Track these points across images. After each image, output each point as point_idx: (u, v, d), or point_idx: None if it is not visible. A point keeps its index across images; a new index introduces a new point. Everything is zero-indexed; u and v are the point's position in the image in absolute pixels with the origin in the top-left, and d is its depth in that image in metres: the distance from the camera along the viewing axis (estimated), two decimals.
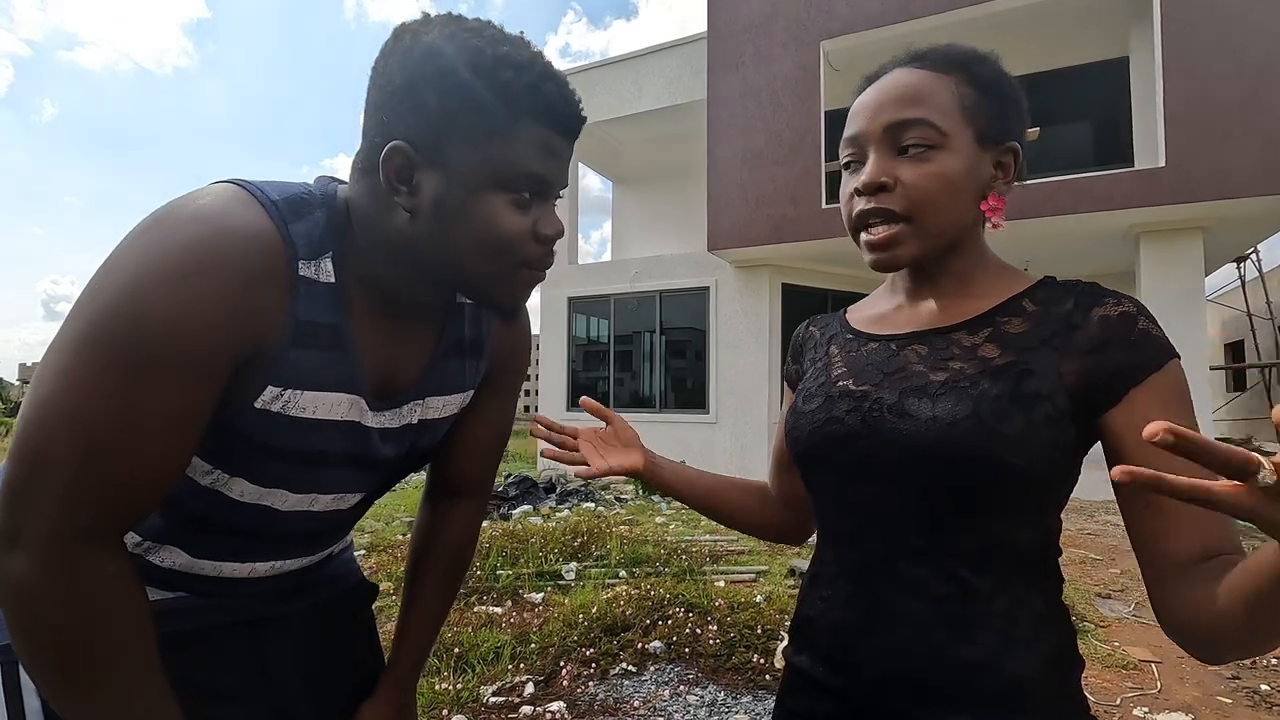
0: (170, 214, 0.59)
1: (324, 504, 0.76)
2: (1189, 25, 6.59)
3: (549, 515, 6.34)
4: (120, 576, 0.60)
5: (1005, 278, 0.73)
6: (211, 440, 0.64)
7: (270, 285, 0.61)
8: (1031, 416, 0.62)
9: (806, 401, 0.76)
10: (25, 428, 0.56)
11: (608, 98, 10.76)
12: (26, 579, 0.56)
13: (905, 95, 0.68)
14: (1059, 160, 8.44)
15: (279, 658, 0.82)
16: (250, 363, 0.62)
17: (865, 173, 0.69)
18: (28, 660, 0.59)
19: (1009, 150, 0.71)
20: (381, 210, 0.66)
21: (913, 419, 0.65)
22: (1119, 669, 2.92)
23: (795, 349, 0.89)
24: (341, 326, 0.67)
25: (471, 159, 0.62)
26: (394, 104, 0.62)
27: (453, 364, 0.81)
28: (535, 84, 0.62)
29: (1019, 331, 0.67)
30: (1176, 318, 6.97)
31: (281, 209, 0.63)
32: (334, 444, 0.71)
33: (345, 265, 0.67)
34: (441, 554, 0.94)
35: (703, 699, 2.59)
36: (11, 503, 0.56)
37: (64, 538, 0.56)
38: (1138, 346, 0.62)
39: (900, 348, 0.72)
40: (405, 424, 0.78)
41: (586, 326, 11.08)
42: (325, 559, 0.90)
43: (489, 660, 2.88)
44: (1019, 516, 0.64)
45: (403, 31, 0.64)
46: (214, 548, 0.74)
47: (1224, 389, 17.07)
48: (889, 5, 7.84)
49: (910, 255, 0.69)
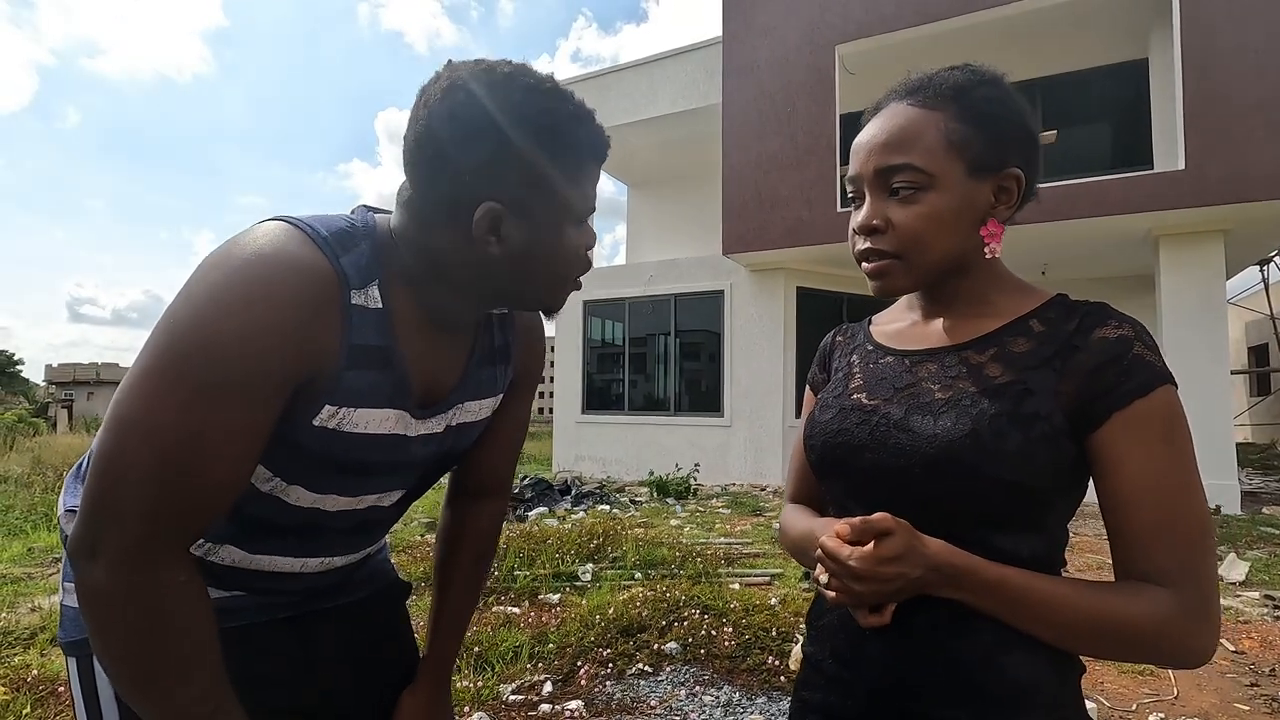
0: (232, 253, 0.65)
1: (368, 503, 0.83)
2: (1208, 27, 6.52)
3: (564, 517, 6.39)
4: (190, 584, 0.65)
5: (1019, 296, 0.75)
6: (273, 452, 0.70)
7: (327, 314, 0.67)
8: (1029, 435, 0.64)
9: (823, 412, 0.80)
10: (105, 444, 0.61)
11: (623, 102, 10.82)
12: (106, 586, 0.61)
13: (892, 140, 0.71)
14: (1077, 163, 8.37)
15: (323, 649, 0.88)
16: (310, 384, 0.68)
17: (861, 215, 0.74)
18: (104, 658, 0.64)
19: (1009, 176, 0.72)
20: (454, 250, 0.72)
21: (915, 434, 0.68)
22: (1135, 675, 2.91)
23: (823, 356, 0.92)
24: (390, 347, 0.73)
25: (553, 206, 0.72)
26: (477, 167, 0.67)
27: (485, 371, 0.87)
28: (591, 131, 0.72)
29: (1023, 351, 0.69)
30: (1197, 321, 6.89)
31: (331, 244, 0.68)
32: (381, 454, 0.77)
33: (389, 290, 0.73)
34: (468, 552, 1.00)
35: (718, 699, 2.62)
36: (93, 515, 0.61)
37: (140, 548, 0.61)
38: (1128, 370, 0.63)
39: (913, 364, 0.75)
40: (446, 428, 0.84)
41: (602, 330, 11.14)
42: (364, 559, 0.96)
43: (508, 659, 2.93)
44: (1021, 530, 0.66)
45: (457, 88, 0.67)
46: (268, 545, 0.80)
47: (1247, 393, 16.79)
48: (904, 9, 7.83)
49: (903, 287, 0.74)
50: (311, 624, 0.88)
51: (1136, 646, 0.62)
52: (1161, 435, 0.62)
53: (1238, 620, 3.62)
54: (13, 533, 5.77)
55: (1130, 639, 0.61)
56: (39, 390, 31.44)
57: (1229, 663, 3.06)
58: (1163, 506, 0.62)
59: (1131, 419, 0.62)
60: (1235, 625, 3.55)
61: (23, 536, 5.61)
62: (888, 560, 0.62)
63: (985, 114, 0.71)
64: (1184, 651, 0.61)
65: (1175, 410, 0.64)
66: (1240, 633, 3.43)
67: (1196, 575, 0.61)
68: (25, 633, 3.31)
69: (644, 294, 10.39)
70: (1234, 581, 4.32)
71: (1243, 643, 3.30)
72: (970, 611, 0.65)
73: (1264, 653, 3.17)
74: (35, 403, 25.08)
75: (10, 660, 2.93)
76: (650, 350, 10.62)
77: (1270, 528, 5.92)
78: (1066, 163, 8.36)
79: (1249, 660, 3.08)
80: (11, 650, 3.10)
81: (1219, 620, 0.62)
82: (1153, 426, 0.62)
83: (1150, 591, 0.61)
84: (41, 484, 7.78)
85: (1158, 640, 0.61)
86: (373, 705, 0.93)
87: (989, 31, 7.88)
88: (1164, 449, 0.62)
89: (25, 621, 3.46)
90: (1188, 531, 0.62)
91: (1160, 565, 0.61)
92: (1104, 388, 0.63)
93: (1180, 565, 0.61)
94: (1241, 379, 16.76)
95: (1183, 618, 0.60)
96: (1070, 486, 0.67)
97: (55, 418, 22.14)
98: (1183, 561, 0.61)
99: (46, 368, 31.55)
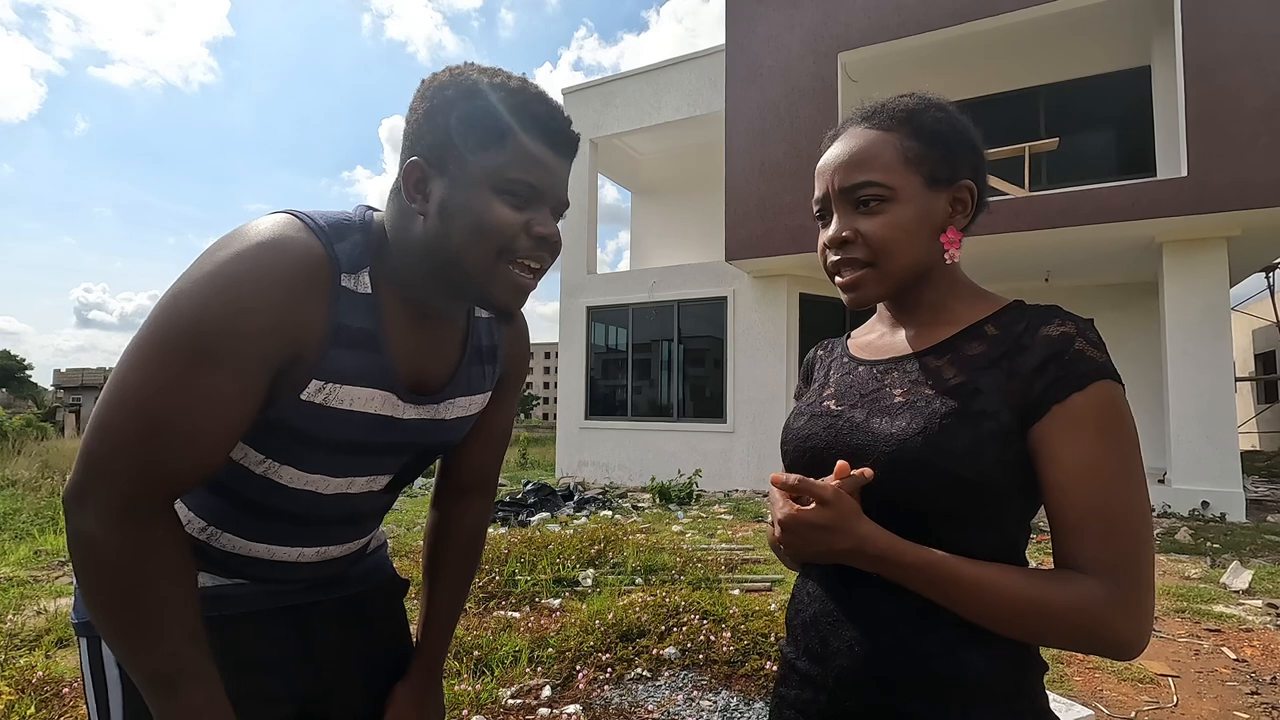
0: (236, 236, 0.71)
1: (359, 486, 0.87)
2: (1211, 33, 6.53)
3: (567, 523, 6.40)
4: (168, 538, 0.70)
5: (976, 303, 0.79)
6: (264, 433, 0.75)
7: (315, 293, 0.72)
8: (978, 432, 0.67)
9: (796, 419, 0.84)
10: (101, 406, 0.67)
11: (627, 109, 10.89)
12: (92, 533, 0.66)
13: (854, 159, 0.77)
14: (1080, 170, 8.38)
15: (319, 639, 0.92)
16: (297, 359, 0.72)
17: (831, 229, 0.78)
18: (88, 604, 0.68)
19: (963, 188, 0.77)
20: (406, 221, 0.77)
21: (874, 435, 0.72)
22: (1135, 682, 2.91)
23: (806, 369, 0.97)
24: (375, 330, 0.78)
25: (469, 165, 0.73)
26: (414, 131, 0.76)
27: (475, 369, 0.92)
28: (525, 104, 0.74)
29: (975, 353, 0.73)
30: (1201, 328, 6.87)
31: (328, 231, 0.74)
32: (369, 434, 0.81)
33: (380, 278, 0.78)
34: (456, 548, 1.04)
35: (716, 705, 2.63)
36: (86, 469, 0.66)
37: (125, 500, 0.66)
38: (1068, 364, 0.66)
39: (880, 373, 0.80)
40: (435, 418, 0.88)
41: (605, 335, 11.17)
42: (361, 553, 0.99)
43: (507, 663, 2.94)
44: (976, 527, 0.69)
45: (427, 79, 0.77)
46: (265, 531, 0.84)
47: (1254, 401, 16.69)
48: (906, 17, 7.86)
49: (876, 294, 0.78)
50: (310, 614, 0.92)
51: (1059, 633, 0.63)
52: (1097, 428, 0.64)
53: (1240, 628, 3.61)
54: (19, 536, 5.82)
55: (1053, 625, 0.63)
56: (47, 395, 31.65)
57: (1230, 670, 3.05)
58: (1094, 497, 0.64)
59: (1068, 412, 0.65)
60: (1238, 633, 3.54)
61: (29, 540, 5.65)
62: (812, 526, 0.66)
63: (935, 133, 0.77)
64: (1107, 642, 0.63)
65: (1113, 404, 0.66)
66: (1242, 640, 3.42)
67: (1126, 567, 0.63)
68: (31, 635, 3.35)
69: (647, 300, 10.42)
70: (1238, 589, 4.30)
71: (1244, 650, 3.28)
72: (931, 607, 0.68)
73: (1266, 661, 3.16)
74: (44, 407, 25.24)
75: (16, 662, 2.95)
76: (653, 356, 10.64)
77: (1275, 536, 5.89)
78: (1069, 170, 8.36)
79: (1250, 668, 3.07)
80: (17, 652, 3.13)
81: (1149, 613, 0.63)
82: (1089, 419, 0.65)
83: (1079, 580, 0.63)
84: (49, 487, 7.84)
85: (1080, 628, 0.62)
86: (367, 695, 0.96)
87: (990, 39, 7.90)
88: (1099, 441, 0.64)
89: (31, 624, 3.49)
90: (1120, 523, 0.63)
91: (1091, 555, 0.63)
92: (1045, 382, 0.66)
93: (1111, 556, 0.63)
94: (1248, 386, 16.66)
95: (1107, 607, 0.62)
96: (1025, 485, 0.69)
97: (63, 422, 22.32)
98: (1113, 552, 0.63)
99: (55, 372, 31.78)
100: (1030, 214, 6.95)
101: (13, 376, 33.59)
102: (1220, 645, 3.37)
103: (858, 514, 0.67)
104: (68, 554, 0.70)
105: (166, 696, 0.69)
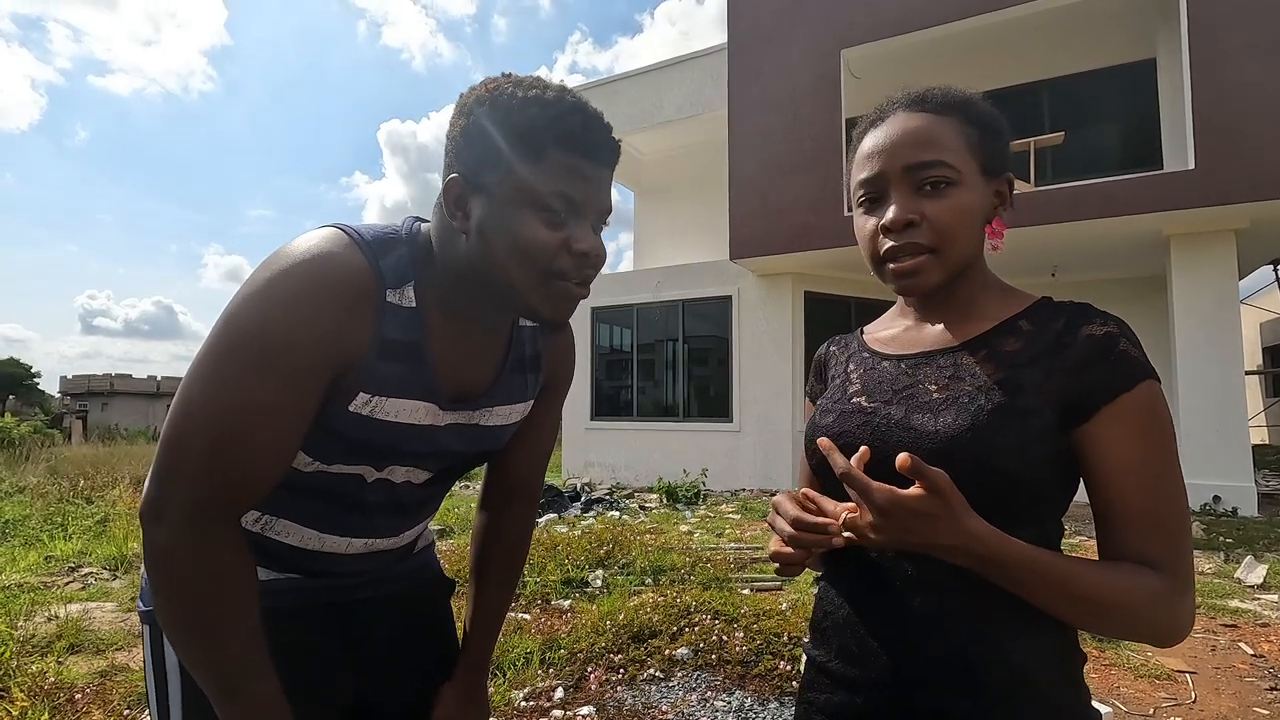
0: (286, 253, 0.73)
1: (400, 476, 0.88)
2: (1216, 26, 6.50)
3: (574, 524, 6.40)
4: (237, 551, 0.73)
5: (1006, 299, 0.78)
6: (316, 439, 0.77)
7: (363, 310, 0.74)
8: (1025, 429, 0.66)
9: (823, 416, 0.82)
10: (172, 420, 0.70)
11: (629, 109, 10.88)
12: (167, 545, 0.69)
13: (919, 138, 0.74)
14: (1087, 164, 8.34)
15: (366, 632, 0.94)
16: (346, 372, 0.75)
17: (892, 212, 0.74)
18: (162, 611, 0.71)
19: (1005, 179, 0.78)
20: (450, 236, 0.78)
21: (917, 432, 0.70)
22: (1153, 679, 2.88)
23: (818, 367, 0.95)
24: (420, 342, 0.79)
25: (503, 183, 0.73)
26: (452, 147, 0.77)
27: (516, 378, 0.92)
28: (559, 116, 0.73)
29: (1013, 350, 0.72)
30: (1210, 322, 6.83)
31: (374, 247, 0.76)
32: (412, 443, 0.83)
33: (424, 291, 0.80)
34: (501, 551, 1.06)
35: (730, 705, 2.61)
36: (159, 482, 0.70)
37: (198, 512, 0.69)
38: (1114, 366, 0.66)
39: (911, 367, 0.78)
40: (474, 424, 0.89)
41: (610, 336, 11.16)
42: (408, 551, 1.01)
43: (519, 665, 2.93)
44: (1019, 522, 0.67)
45: (465, 92, 0.77)
46: (315, 514, 0.86)
47: (1263, 394, 16.59)
48: (909, 13, 7.83)
49: (933, 282, 0.75)
50: (357, 610, 0.94)
51: (1136, 622, 0.65)
52: (1147, 427, 0.66)
53: (1256, 623, 3.58)
54: (29, 542, 5.82)
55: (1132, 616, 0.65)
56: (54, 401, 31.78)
57: (1248, 666, 3.02)
58: (1149, 494, 0.66)
59: (1118, 412, 0.66)
60: (1254, 628, 3.51)
61: (39, 546, 5.66)
62: (916, 514, 0.61)
63: (989, 123, 0.77)
64: (1168, 631, 0.66)
65: (1159, 403, 0.67)
66: (1259, 636, 3.39)
67: (1180, 560, 0.66)
68: (43, 641, 3.35)
69: (652, 300, 10.41)
70: (1252, 584, 4.27)
71: (1261, 646, 3.25)
72: (974, 605, 0.67)
73: None
74: (50, 413, 25.35)
75: (28, 668, 2.95)
76: (658, 356, 10.63)
77: None
78: (1075, 164, 8.32)
79: (1269, 664, 3.04)
80: (29, 658, 3.13)
81: (1194, 603, 0.67)
82: (1138, 419, 0.66)
83: (1146, 573, 0.65)
84: (57, 494, 7.85)
85: (1154, 617, 0.65)
86: (408, 693, 0.97)
87: (994, 34, 7.88)
88: (1149, 440, 0.66)
89: (43, 630, 3.50)
90: (1171, 518, 0.66)
91: (1148, 549, 0.65)
92: (1092, 382, 0.67)
93: (1165, 550, 0.65)
94: (1257, 379, 16.57)
95: (1173, 598, 0.65)
96: (1062, 478, 0.69)
97: (70, 428, 22.40)
98: (1169, 546, 0.65)
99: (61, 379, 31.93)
100: (1036, 209, 6.91)
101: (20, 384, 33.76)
102: (1237, 641, 3.34)
103: (966, 508, 0.62)
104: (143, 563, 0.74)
105: (229, 698, 0.72)
